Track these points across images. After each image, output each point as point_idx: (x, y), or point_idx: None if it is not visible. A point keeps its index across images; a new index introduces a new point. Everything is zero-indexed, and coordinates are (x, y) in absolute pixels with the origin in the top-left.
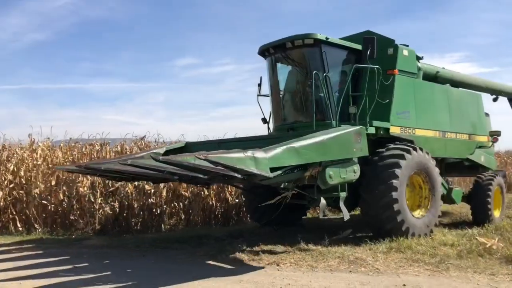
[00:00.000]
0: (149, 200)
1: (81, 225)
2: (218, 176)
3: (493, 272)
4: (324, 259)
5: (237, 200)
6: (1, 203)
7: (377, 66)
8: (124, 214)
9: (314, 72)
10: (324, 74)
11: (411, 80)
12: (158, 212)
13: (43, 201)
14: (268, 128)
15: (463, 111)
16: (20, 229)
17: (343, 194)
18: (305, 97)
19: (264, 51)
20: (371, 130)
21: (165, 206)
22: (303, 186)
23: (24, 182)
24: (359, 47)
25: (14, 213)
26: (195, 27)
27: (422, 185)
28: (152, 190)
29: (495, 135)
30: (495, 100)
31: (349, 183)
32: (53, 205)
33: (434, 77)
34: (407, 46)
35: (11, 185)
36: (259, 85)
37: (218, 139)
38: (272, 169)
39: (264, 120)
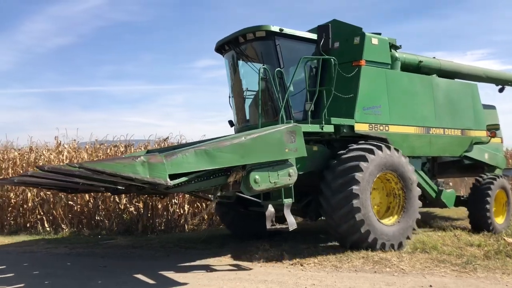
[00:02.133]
0: (173, 201)
1: (107, 225)
2: (128, 185)
3: None
4: (348, 259)
5: None
6: (30, 204)
7: (332, 57)
8: (148, 215)
9: (261, 67)
10: (276, 70)
11: (382, 71)
12: (181, 212)
13: (69, 202)
14: (235, 130)
15: (454, 104)
16: (48, 229)
17: (287, 201)
18: (262, 96)
19: (219, 48)
20: (328, 129)
21: (188, 206)
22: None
23: None
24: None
25: (42, 213)
26: (214, 28)
27: (395, 188)
28: None
29: (493, 129)
30: (501, 90)
31: (284, 188)
32: (79, 206)
33: (416, 68)
34: (379, 34)
35: None
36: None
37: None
38: (177, 176)
39: (231, 123)
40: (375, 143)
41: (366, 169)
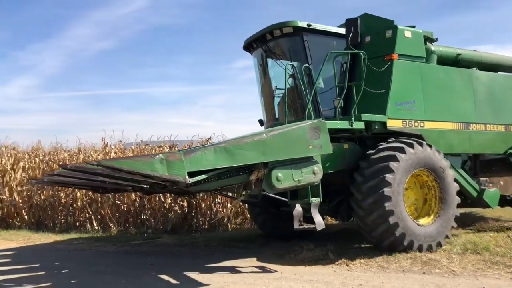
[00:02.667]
0: (216, 200)
1: (152, 224)
2: (151, 183)
3: None
4: (395, 259)
5: None
6: (79, 203)
7: (362, 51)
8: (193, 214)
9: (287, 64)
10: (304, 66)
11: (417, 65)
12: (224, 211)
13: (116, 201)
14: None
15: (497, 98)
16: (96, 227)
17: (315, 200)
18: (290, 94)
19: (248, 46)
20: (359, 125)
21: (230, 205)
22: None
23: None
24: None
25: (90, 212)
26: (252, 29)
27: (431, 186)
28: None
29: None
30: None
31: (309, 186)
32: (125, 205)
33: (454, 61)
34: (413, 27)
35: None
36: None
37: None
38: (196, 173)
39: (261, 122)
40: (406, 140)
41: (397, 169)
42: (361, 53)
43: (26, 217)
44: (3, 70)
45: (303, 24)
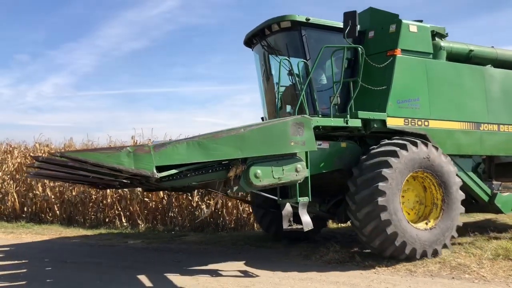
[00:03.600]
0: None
1: (180, 221)
2: (111, 177)
3: None
4: (423, 263)
5: None
6: (109, 200)
7: (359, 46)
8: (219, 212)
9: (281, 59)
10: (299, 61)
11: (422, 61)
12: (251, 210)
13: (145, 199)
14: None
15: None
16: (125, 224)
17: (303, 199)
18: (290, 90)
19: (248, 41)
20: (355, 123)
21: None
22: (266, 190)
23: None
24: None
25: (120, 209)
26: None
27: (433, 190)
28: None
29: None
30: None
31: (291, 184)
32: (153, 202)
33: (466, 58)
34: (421, 21)
35: None
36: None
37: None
38: (168, 168)
39: (263, 120)
40: (411, 138)
41: (396, 165)
42: (359, 48)
43: (58, 212)
44: (40, 69)
45: (301, 18)
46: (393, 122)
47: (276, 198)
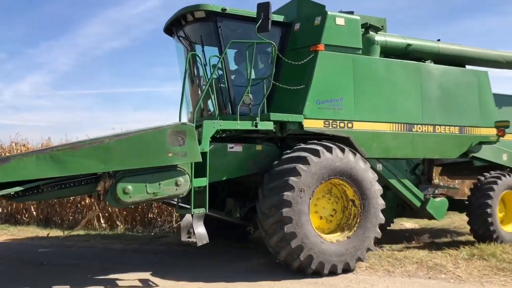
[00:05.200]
0: None
1: (159, 223)
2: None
3: None
4: (401, 264)
5: None
6: (87, 201)
7: (271, 42)
8: None
9: (190, 53)
10: (211, 55)
11: (349, 57)
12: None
13: None
14: None
15: (451, 96)
16: (104, 225)
17: (198, 211)
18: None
19: (167, 29)
20: (266, 126)
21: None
22: (183, 199)
23: None
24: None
25: (98, 210)
26: None
27: (351, 198)
28: None
29: (501, 127)
30: None
31: (170, 199)
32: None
33: (404, 53)
34: (352, 13)
35: None
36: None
37: None
38: (14, 184)
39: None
40: (327, 143)
41: (305, 173)
42: (271, 43)
43: (34, 213)
44: (17, 67)
45: (217, 8)
46: (311, 124)
47: (180, 206)
